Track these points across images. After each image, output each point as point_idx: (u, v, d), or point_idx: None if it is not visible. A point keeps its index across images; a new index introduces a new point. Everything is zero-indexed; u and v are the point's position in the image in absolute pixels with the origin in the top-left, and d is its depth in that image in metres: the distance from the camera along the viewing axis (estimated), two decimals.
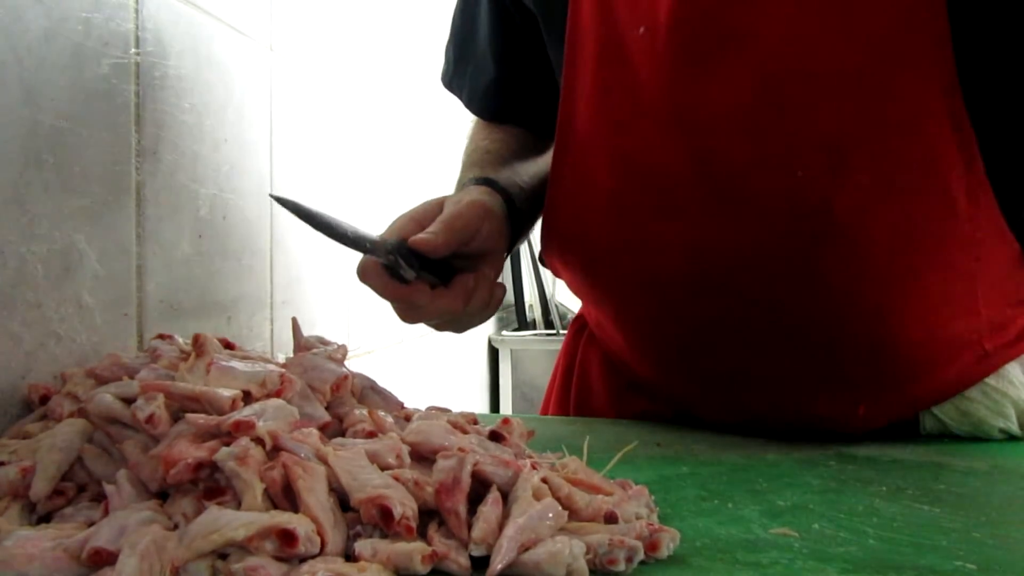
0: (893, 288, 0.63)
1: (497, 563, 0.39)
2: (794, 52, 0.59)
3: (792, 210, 0.61)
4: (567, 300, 2.56)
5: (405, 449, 0.47)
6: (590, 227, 0.71)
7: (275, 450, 0.44)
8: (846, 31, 0.58)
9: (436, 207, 0.68)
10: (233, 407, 0.46)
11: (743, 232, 0.63)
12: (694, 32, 0.61)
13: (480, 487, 0.45)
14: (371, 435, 0.50)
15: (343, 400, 0.55)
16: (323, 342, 0.62)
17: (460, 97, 0.90)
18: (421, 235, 0.64)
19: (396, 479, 0.43)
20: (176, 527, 0.41)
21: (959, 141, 0.59)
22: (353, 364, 0.58)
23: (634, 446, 0.58)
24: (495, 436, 0.53)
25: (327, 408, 0.53)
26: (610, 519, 0.45)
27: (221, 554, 0.39)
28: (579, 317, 0.97)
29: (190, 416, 0.45)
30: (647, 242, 0.68)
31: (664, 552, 0.43)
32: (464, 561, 0.40)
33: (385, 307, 0.71)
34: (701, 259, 0.66)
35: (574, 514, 0.45)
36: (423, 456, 0.47)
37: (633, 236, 0.68)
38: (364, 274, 0.66)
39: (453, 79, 0.90)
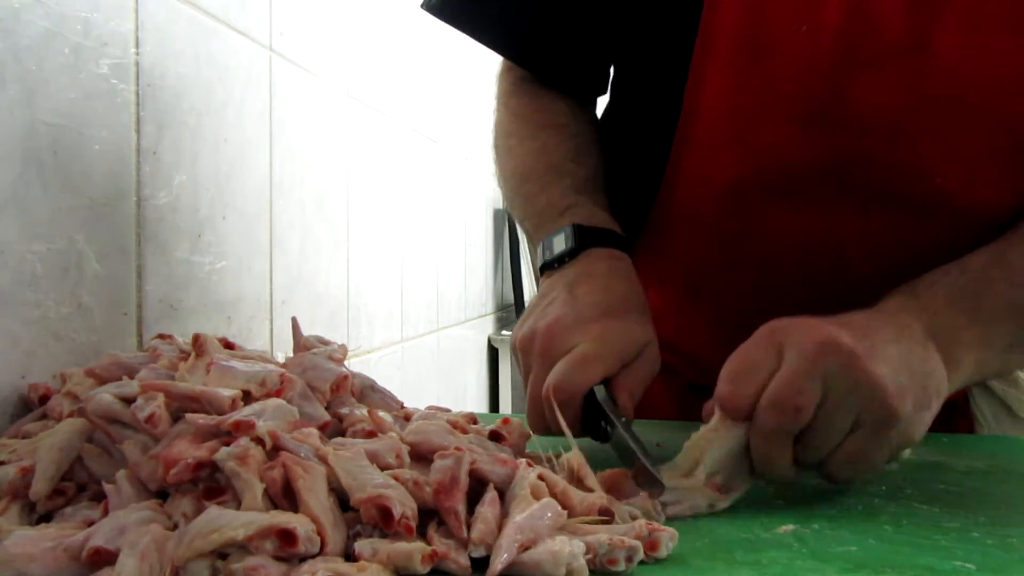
0: None
1: (497, 563, 0.39)
2: (961, 71, 0.61)
3: (921, 212, 0.65)
4: None
5: (405, 449, 0.47)
6: (703, 214, 0.71)
7: (275, 450, 0.44)
8: (1012, 57, 0.61)
9: (613, 339, 0.61)
10: (233, 407, 0.46)
11: (867, 227, 0.66)
12: (864, 37, 0.62)
13: (479, 486, 0.45)
14: (371, 435, 0.50)
15: (343, 400, 0.55)
16: (323, 342, 0.62)
17: (478, 32, 0.81)
18: (625, 404, 0.60)
19: (396, 479, 0.43)
20: (176, 527, 0.41)
21: None
22: (353, 364, 0.58)
23: (624, 422, 0.59)
24: (495, 436, 0.53)
25: (327, 408, 0.53)
26: (604, 514, 0.45)
27: (221, 554, 0.39)
28: None
29: (190, 416, 0.45)
30: (762, 230, 0.69)
31: (663, 551, 0.43)
32: (464, 561, 0.40)
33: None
34: (819, 250, 0.68)
35: (569, 511, 0.45)
36: (423, 456, 0.47)
37: (749, 223, 0.70)
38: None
39: (466, 9, 0.81)
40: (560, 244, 0.68)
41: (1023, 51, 0.61)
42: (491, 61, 0.89)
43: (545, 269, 0.69)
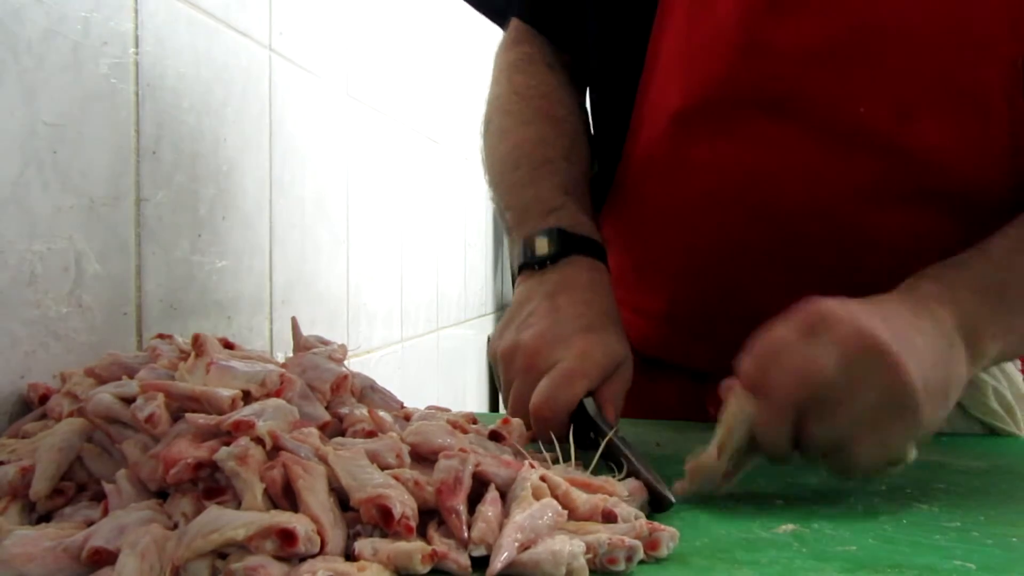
0: (933, 249, 0.65)
1: (497, 563, 0.39)
2: (897, 9, 0.63)
3: (852, 144, 0.65)
4: None
5: (405, 449, 0.47)
6: (656, 149, 0.73)
7: (275, 450, 0.44)
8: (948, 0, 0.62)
9: (595, 354, 0.62)
10: (233, 407, 0.46)
11: (801, 157, 0.67)
12: None
13: (481, 487, 0.45)
14: (371, 435, 0.50)
15: (343, 400, 0.55)
16: (323, 342, 0.62)
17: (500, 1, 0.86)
18: (609, 416, 0.62)
19: (396, 479, 0.43)
20: (176, 527, 0.41)
21: (1012, 124, 0.63)
22: (353, 364, 0.58)
23: (615, 432, 0.59)
24: (495, 436, 0.53)
25: (327, 408, 0.53)
26: (608, 517, 0.45)
27: (221, 554, 0.39)
28: None
29: (190, 416, 0.45)
30: (704, 161, 0.70)
31: (664, 551, 0.43)
32: (464, 561, 0.40)
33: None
34: (755, 182, 0.69)
35: (572, 512, 0.45)
36: (423, 456, 0.47)
37: (692, 155, 0.71)
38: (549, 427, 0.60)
39: None
40: (543, 247, 0.69)
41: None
42: (491, 61, 0.89)
43: (524, 268, 0.70)
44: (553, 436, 0.57)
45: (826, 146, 0.66)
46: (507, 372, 0.64)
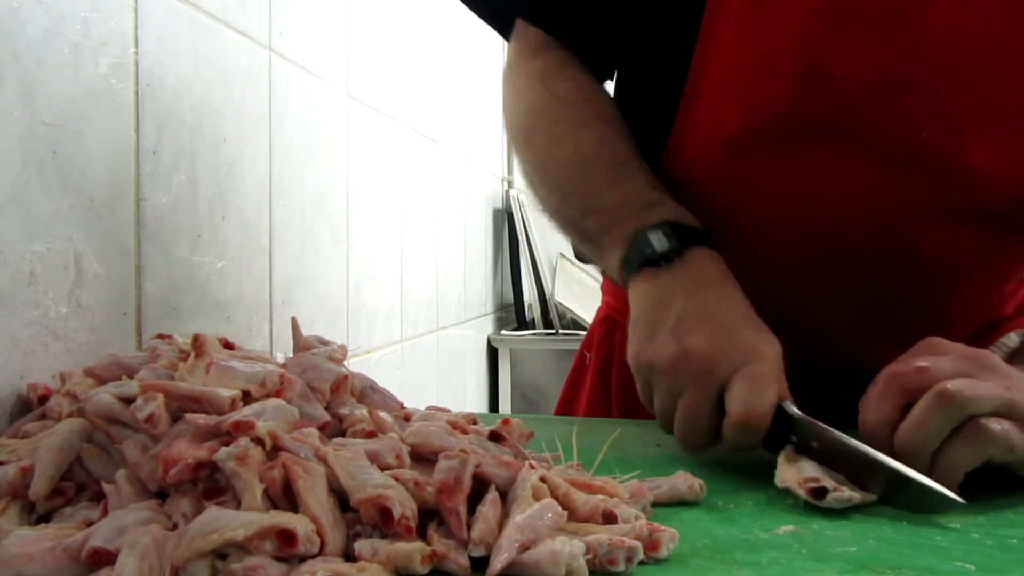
0: (979, 264, 0.68)
1: (497, 563, 0.39)
2: (951, 38, 0.64)
3: (908, 167, 0.67)
4: (567, 300, 2.55)
5: (405, 449, 0.47)
6: (705, 170, 0.73)
7: (275, 450, 0.44)
8: (1000, 26, 0.64)
9: (770, 353, 0.60)
10: (233, 407, 0.46)
11: (857, 178, 0.68)
12: (858, 1, 0.66)
13: (481, 487, 0.45)
14: (371, 435, 0.50)
15: (343, 400, 0.55)
16: (323, 342, 0.62)
17: (509, 6, 0.82)
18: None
19: (396, 479, 0.43)
20: (175, 527, 0.41)
21: None
22: (353, 364, 0.58)
23: (617, 434, 0.59)
24: (495, 436, 0.53)
25: (327, 408, 0.53)
26: (608, 518, 0.45)
27: (221, 554, 0.39)
28: (607, 317, 0.94)
29: (190, 416, 0.45)
30: (760, 184, 0.71)
31: (663, 552, 0.43)
32: (464, 561, 0.40)
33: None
34: (812, 203, 0.70)
35: (572, 513, 0.45)
36: (423, 456, 0.47)
37: (747, 177, 0.71)
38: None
39: None
40: (660, 242, 0.65)
41: (1013, 20, 0.63)
42: (491, 61, 0.89)
43: (646, 265, 0.66)
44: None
45: (882, 167, 0.67)
46: (674, 382, 0.60)
